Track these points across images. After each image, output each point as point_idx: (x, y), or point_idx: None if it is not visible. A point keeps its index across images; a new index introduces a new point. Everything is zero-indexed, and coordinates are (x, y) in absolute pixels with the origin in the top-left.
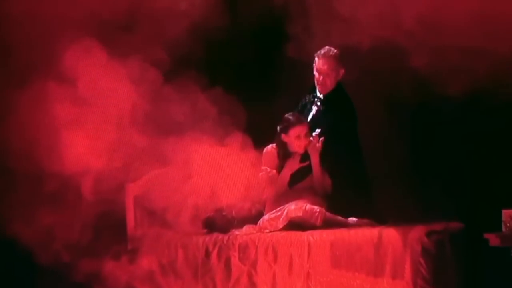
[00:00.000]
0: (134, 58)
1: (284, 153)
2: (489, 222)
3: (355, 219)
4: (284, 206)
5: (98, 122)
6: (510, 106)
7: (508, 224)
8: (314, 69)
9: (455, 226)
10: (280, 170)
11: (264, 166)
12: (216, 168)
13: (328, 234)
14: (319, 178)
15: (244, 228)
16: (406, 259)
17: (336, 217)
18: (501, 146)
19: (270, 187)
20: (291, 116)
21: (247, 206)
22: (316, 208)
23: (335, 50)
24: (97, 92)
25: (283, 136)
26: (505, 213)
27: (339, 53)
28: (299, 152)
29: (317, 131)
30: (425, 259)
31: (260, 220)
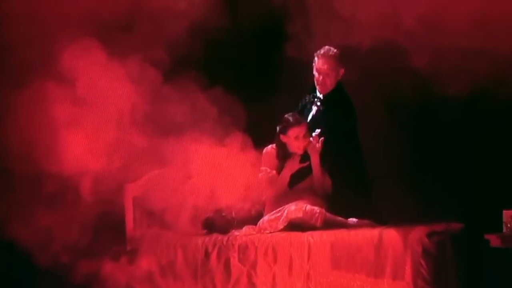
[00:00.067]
0: (133, 58)
1: (284, 153)
2: (490, 223)
3: (355, 220)
4: (284, 207)
5: (97, 122)
6: (511, 106)
7: (509, 224)
8: (313, 69)
9: (456, 226)
10: (280, 170)
11: (263, 167)
12: (215, 168)
13: (328, 235)
14: (319, 178)
15: (243, 229)
16: (407, 260)
17: (336, 217)
18: (501, 146)
19: (270, 188)
20: (291, 116)
21: (247, 207)
22: (316, 209)
23: (335, 50)
24: (96, 92)
25: (282, 136)
26: (506, 213)
27: (339, 53)
28: (298, 153)
29: (317, 131)
30: (425, 260)
31: (259, 221)
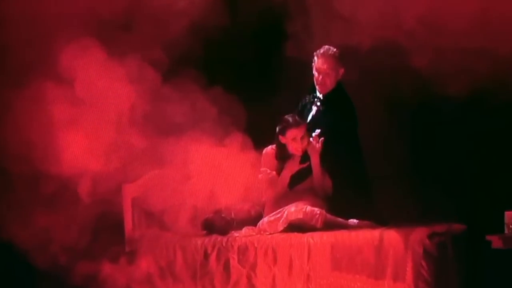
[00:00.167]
0: (132, 58)
1: (283, 154)
2: (491, 224)
3: (356, 221)
4: (284, 208)
5: (96, 122)
6: (511, 106)
7: (510, 226)
8: (313, 68)
9: (457, 228)
10: (280, 171)
11: (263, 168)
12: (215, 168)
13: (328, 236)
14: (319, 179)
15: (243, 230)
16: (408, 261)
17: (336, 219)
18: (503, 146)
19: (270, 189)
20: (290, 117)
21: (247, 208)
22: (316, 210)
23: (335, 49)
24: (95, 92)
25: (281, 137)
26: (507, 214)
27: (339, 52)
28: (297, 154)
29: (317, 132)
30: (426, 261)
31: (259, 222)
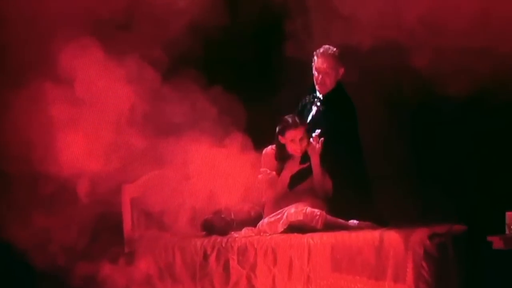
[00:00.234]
0: (132, 57)
1: (283, 154)
2: (492, 225)
3: (356, 222)
4: (283, 209)
5: (96, 123)
6: None
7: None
8: (313, 68)
9: (458, 228)
10: (279, 171)
11: (263, 168)
12: (215, 169)
13: (328, 237)
14: (320, 179)
15: (243, 230)
16: (408, 262)
17: (337, 220)
18: (504, 146)
19: (270, 189)
20: (289, 118)
21: (246, 208)
22: (316, 211)
23: (334, 49)
24: (94, 92)
25: (280, 138)
26: (508, 215)
27: (339, 52)
28: (296, 155)
29: (317, 132)
30: (427, 262)
31: (259, 223)
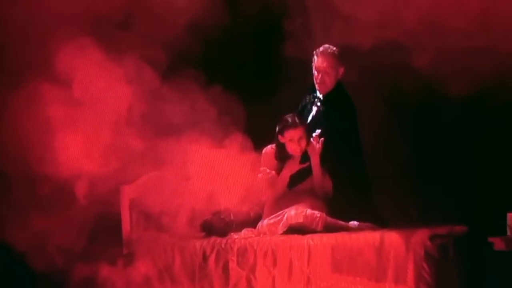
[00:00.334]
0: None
1: (283, 154)
2: (493, 226)
3: (357, 223)
4: (283, 211)
5: (94, 123)
6: None
7: None
8: (313, 68)
9: (459, 229)
10: (279, 171)
11: (263, 167)
12: (215, 169)
13: (328, 238)
14: (319, 179)
15: (242, 231)
16: (409, 264)
17: (337, 221)
18: (505, 147)
19: (269, 189)
20: (289, 118)
21: (246, 209)
22: (316, 213)
23: (334, 48)
24: (93, 92)
25: (280, 137)
26: (510, 216)
27: (339, 51)
28: (295, 155)
29: (317, 132)
30: (428, 264)
31: (259, 224)
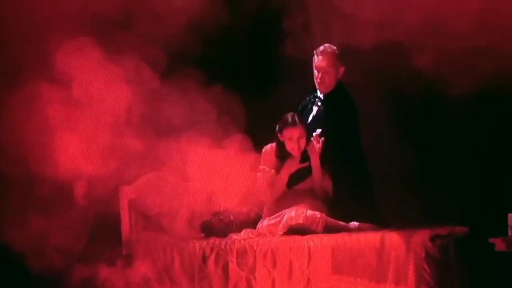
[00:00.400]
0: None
1: (283, 152)
2: (494, 226)
3: (357, 224)
4: (283, 212)
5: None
6: None
7: None
8: (313, 67)
9: (460, 230)
10: (279, 170)
11: (262, 166)
12: (214, 170)
13: (329, 239)
14: (319, 179)
15: (242, 232)
16: (410, 265)
17: (337, 222)
18: (507, 147)
19: (269, 188)
20: (289, 116)
21: (246, 210)
22: (317, 214)
23: (334, 47)
24: (92, 92)
25: (279, 135)
26: (511, 217)
27: (340, 51)
28: (294, 154)
29: (317, 132)
30: (429, 265)
31: (258, 224)
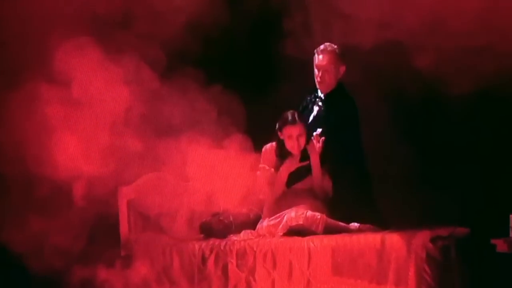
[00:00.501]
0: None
1: (283, 151)
2: (496, 227)
3: (357, 225)
4: (283, 212)
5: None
6: None
7: None
8: (314, 66)
9: (461, 231)
10: (279, 169)
11: (262, 164)
12: (214, 170)
13: (329, 240)
14: (319, 179)
15: (242, 233)
16: (410, 266)
17: (338, 223)
18: (508, 148)
19: (268, 187)
20: (289, 114)
21: (245, 211)
22: (317, 215)
23: (335, 46)
24: (92, 92)
25: (279, 133)
26: None
27: (340, 50)
28: (293, 152)
29: (317, 131)
30: (429, 266)
31: (258, 225)
